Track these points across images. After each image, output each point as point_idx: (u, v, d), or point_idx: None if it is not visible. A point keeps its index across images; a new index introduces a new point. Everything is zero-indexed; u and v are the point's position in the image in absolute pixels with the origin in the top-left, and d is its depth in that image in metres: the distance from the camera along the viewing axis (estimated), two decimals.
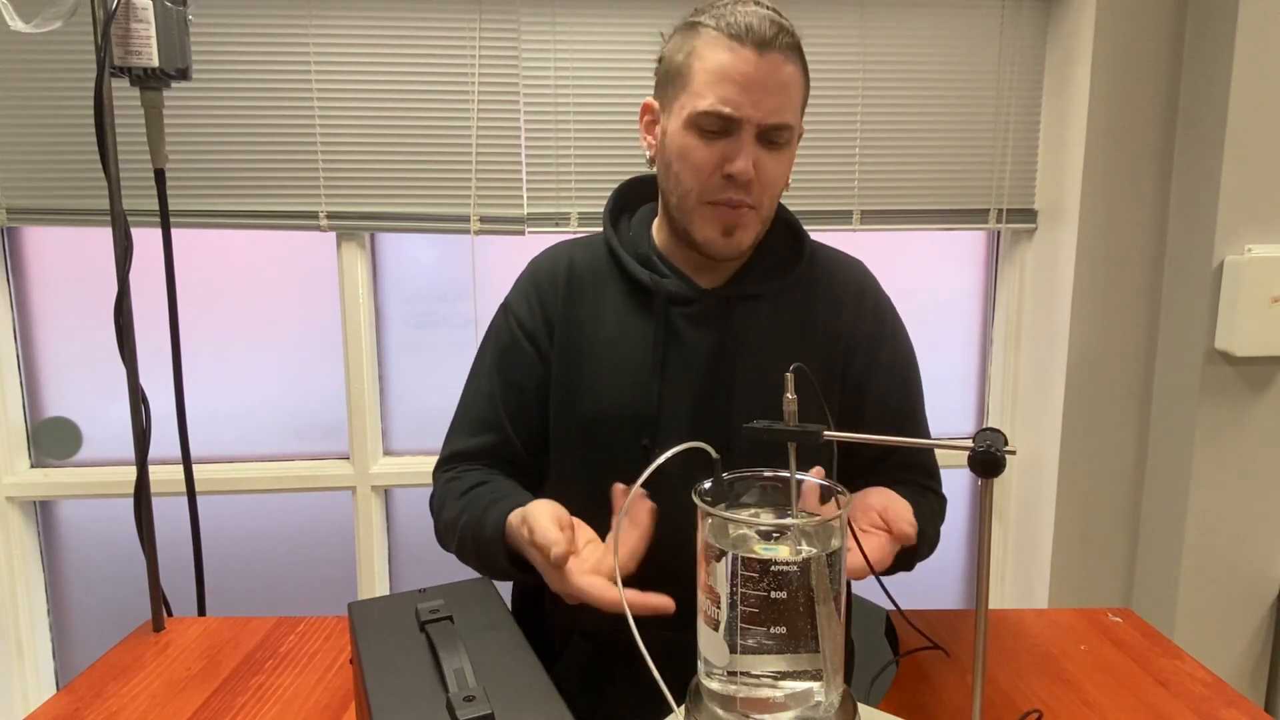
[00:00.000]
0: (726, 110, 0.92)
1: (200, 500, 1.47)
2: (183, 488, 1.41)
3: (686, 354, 1.02)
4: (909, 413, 1.11)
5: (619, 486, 0.88)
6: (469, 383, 1.12)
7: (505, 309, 1.11)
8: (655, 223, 1.09)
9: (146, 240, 1.44)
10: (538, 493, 1.06)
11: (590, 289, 1.06)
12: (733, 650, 0.70)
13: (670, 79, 0.98)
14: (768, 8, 0.95)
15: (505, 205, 1.90)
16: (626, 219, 1.12)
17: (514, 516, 0.92)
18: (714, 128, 0.94)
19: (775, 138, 0.95)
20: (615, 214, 1.11)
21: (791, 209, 1.12)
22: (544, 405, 1.06)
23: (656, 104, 1.01)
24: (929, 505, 1.08)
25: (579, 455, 1.04)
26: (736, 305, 1.03)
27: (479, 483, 1.04)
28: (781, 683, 0.70)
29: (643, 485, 0.73)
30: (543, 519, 0.83)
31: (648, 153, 1.03)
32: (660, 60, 1.01)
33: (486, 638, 0.77)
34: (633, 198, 1.12)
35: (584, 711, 0.71)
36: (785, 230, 1.09)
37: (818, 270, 1.08)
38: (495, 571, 0.97)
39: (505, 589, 1.18)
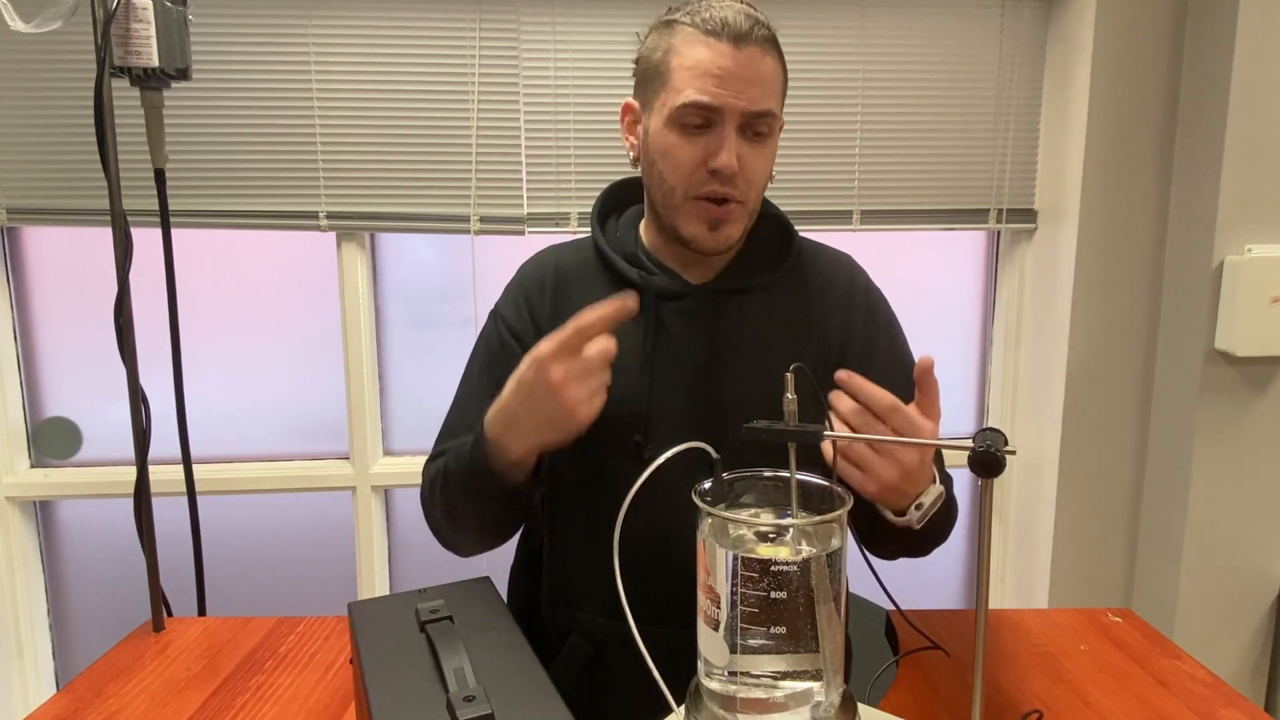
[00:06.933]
0: (706, 100, 0.92)
1: (200, 500, 1.47)
2: (183, 488, 1.41)
3: (677, 349, 1.02)
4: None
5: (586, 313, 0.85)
6: (460, 386, 1.13)
7: (494, 313, 1.13)
8: (643, 223, 1.10)
9: (146, 240, 1.44)
10: (529, 490, 1.06)
11: (578, 289, 1.07)
12: (733, 650, 0.70)
13: (649, 78, 0.99)
14: (742, 1, 0.95)
15: (505, 205, 1.90)
16: (614, 220, 1.12)
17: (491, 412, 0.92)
18: (696, 121, 0.94)
19: (759, 127, 0.95)
20: (602, 216, 1.12)
21: (791, 209, 1.12)
22: None
23: (637, 104, 1.02)
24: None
25: (571, 452, 1.04)
26: (726, 300, 1.03)
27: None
28: (781, 683, 0.70)
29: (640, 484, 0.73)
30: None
31: (630, 153, 1.04)
32: (638, 60, 1.01)
33: (486, 638, 0.77)
34: (620, 200, 1.13)
35: (583, 711, 0.71)
36: (773, 225, 1.10)
37: (806, 264, 1.08)
38: (482, 493, 0.94)
39: (505, 589, 1.18)
